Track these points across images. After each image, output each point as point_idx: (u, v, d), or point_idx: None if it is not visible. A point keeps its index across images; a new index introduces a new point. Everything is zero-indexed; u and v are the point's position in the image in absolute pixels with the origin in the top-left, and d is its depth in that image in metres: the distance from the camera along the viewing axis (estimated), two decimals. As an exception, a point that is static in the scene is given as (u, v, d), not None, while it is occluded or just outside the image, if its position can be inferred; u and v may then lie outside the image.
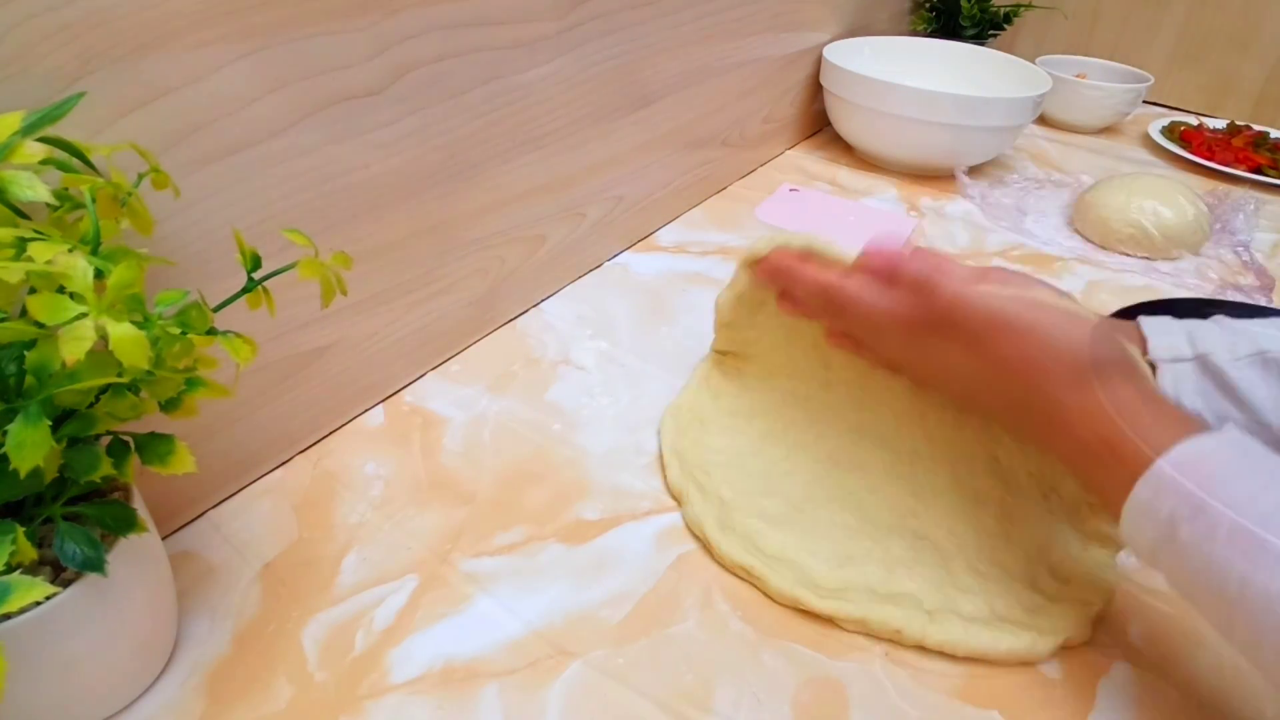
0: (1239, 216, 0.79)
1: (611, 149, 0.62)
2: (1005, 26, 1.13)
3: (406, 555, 0.40)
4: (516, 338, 0.58)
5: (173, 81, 0.33)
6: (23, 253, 0.23)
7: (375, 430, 0.48)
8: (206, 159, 0.35)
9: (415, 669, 0.35)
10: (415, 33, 0.43)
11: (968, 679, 0.36)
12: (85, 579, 0.28)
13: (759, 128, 0.85)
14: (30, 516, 0.28)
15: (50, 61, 0.29)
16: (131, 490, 0.31)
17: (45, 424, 0.24)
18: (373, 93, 0.42)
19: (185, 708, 0.33)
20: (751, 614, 0.38)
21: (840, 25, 0.93)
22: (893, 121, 0.83)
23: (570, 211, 0.61)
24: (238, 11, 0.34)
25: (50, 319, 0.23)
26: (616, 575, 0.40)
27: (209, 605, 0.37)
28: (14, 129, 0.26)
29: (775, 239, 0.44)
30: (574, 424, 0.50)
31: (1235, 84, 1.17)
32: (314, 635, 0.36)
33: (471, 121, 0.49)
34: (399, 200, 0.46)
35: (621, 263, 0.68)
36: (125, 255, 0.26)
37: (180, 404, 0.29)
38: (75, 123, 0.29)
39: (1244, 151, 0.95)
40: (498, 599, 0.38)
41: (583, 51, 0.55)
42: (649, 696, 0.34)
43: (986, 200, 0.83)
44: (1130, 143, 1.05)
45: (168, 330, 0.26)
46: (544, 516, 0.43)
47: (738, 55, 0.74)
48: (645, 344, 0.55)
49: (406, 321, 0.50)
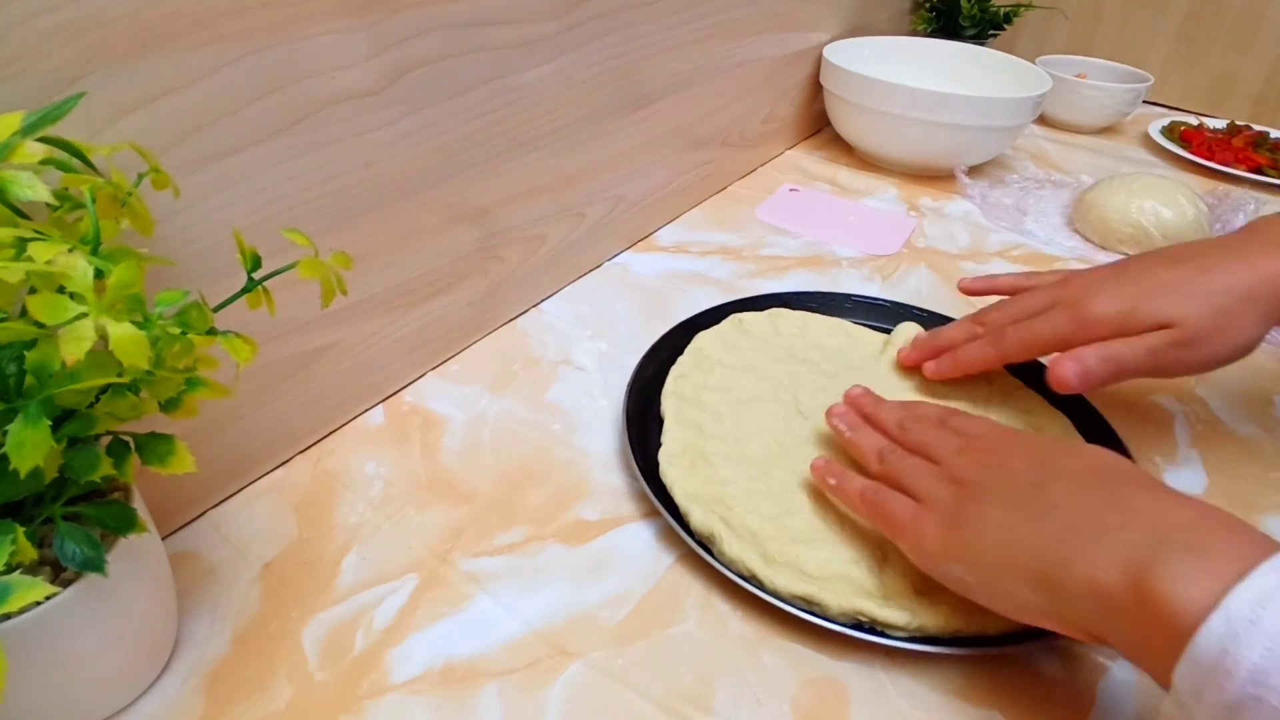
0: (1239, 216, 0.79)
1: (611, 149, 0.62)
2: (1005, 26, 1.13)
3: (406, 555, 0.40)
4: (516, 338, 0.58)
5: (173, 81, 0.33)
6: (23, 253, 0.23)
7: (375, 430, 0.48)
8: (206, 159, 0.35)
9: (415, 669, 0.35)
10: (415, 33, 0.43)
11: (968, 678, 0.36)
12: (85, 579, 0.28)
13: (759, 128, 0.85)
14: (30, 516, 0.28)
15: (50, 61, 0.29)
16: (131, 490, 0.31)
17: (45, 424, 0.24)
18: (373, 93, 0.42)
19: (185, 708, 0.33)
20: (751, 614, 0.38)
21: (840, 25, 0.93)
22: (893, 121, 0.83)
23: (570, 211, 0.61)
24: (238, 11, 0.34)
25: (50, 319, 0.23)
26: (616, 575, 0.40)
27: (209, 605, 0.37)
28: (14, 129, 0.26)
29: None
30: (574, 424, 0.50)
31: (1235, 84, 1.17)
32: (314, 635, 0.36)
33: (471, 121, 0.49)
34: (399, 200, 0.46)
35: (621, 263, 0.68)
36: (125, 255, 0.26)
37: (180, 404, 0.29)
38: (75, 123, 0.29)
39: (1244, 151, 0.95)
40: (497, 599, 0.38)
41: (583, 51, 0.55)
42: (649, 697, 0.34)
43: (986, 200, 0.83)
44: (1130, 143, 1.05)
45: (168, 330, 0.26)
46: (544, 516, 0.43)
47: (738, 55, 0.74)
48: (645, 344, 0.55)
49: (406, 321, 0.50)
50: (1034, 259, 0.73)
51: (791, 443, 0.47)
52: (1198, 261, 0.41)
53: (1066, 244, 0.76)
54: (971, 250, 0.74)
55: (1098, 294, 0.41)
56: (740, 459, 0.45)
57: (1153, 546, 0.28)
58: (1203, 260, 0.41)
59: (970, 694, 0.35)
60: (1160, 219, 0.73)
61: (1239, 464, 0.49)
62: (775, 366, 0.53)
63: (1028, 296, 0.46)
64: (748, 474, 0.44)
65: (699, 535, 0.40)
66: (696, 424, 0.47)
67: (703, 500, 0.42)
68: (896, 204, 0.83)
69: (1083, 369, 0.39)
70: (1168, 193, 0.75)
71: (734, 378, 0.52)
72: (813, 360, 0.54)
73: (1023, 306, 0.45)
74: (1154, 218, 0.73)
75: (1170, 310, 0.39)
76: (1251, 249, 0.40)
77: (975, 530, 0.34)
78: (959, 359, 0.48)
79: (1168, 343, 0.39)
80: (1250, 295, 0.39)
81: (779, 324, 0.57)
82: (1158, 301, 0.39)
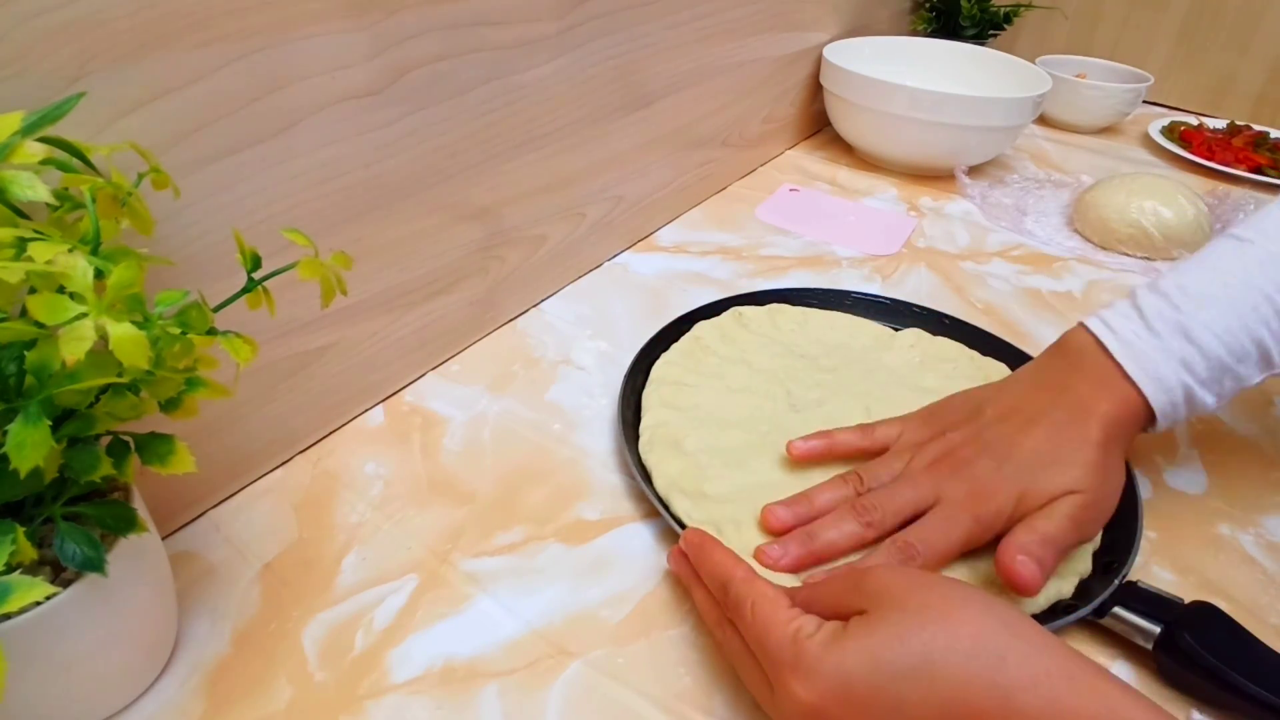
0: (1239, 216, 0.79)
1: (611, 149, 0.62)
2: (1005, 26, 1.13)
3: (406, 555, 0.40)
4: (516, 338, 0.58)
5: (173, 81, 0.33)
6: (23, 253, 0.23)
7: (375, 430, 0.48)
8: (206, 159, 0.35)
9: (415, 669, 0.35)
10: (415, 33, 0.43)
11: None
12: (85, 579, 0.28)
13: (759, 128, 0.85)
14: (30, 516, 0.28)
15: (50, 61, 0.29)
16: (131, 490, 0.31)
17: (45, 424, 0.24)
18: (373, 93, 0.42)
19: (185, 708, 0.33)
20: (751, 614, 0.38)
21: (840, 25, 0.93)
22: (893, 121, 0.83)
23: (570, 211, 0.61)
24: (238, 11, 0.34)
25: (50, 319, 0.23)
26: (616, 575, 0.40)
27: (209, 605, 0.37)
28: (14, 129, 0.26)
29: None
30: (574, 424, 0.50)
31: (1235, 84, 1.17)
32: (314, 635, 0.36)
33: (471, 121, 0.49)
34: (399, 200, 0.46)
35: (621, 263, 0.68)
36: (125, 255, 0.26)
37: (180, 404, 0.29)
38: (75, 123, 0.29)
39: (1244, 151, 0.95)
40: (497, 599, 0.38)
41: (583, 51, 0.55)
42: (649, 697, 0.34)
43: (986, 200, 0.83)
44: (1130, 143, 1.05)
45: (168, 330, 0.26)
46: (544, 516, 0.43)
47: (738, 55, 0.74)
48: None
49: (406, 321, 0.50)
50: (1034, 259, 0.73)
51: (776, 435, 0.46)
52: (1045, 425, 0.40)
53: (1066, 244, 0.76)
54: (971, 250, 0.74)
55: (984, 486, 0.39)
56: (716, 450, 0.45)
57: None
58: (1049, 422, 0.40)
59: (970, 694, 0.35)
60: (1160, 219, 0.73)
61: (1239, 464, 0.49)
62: (771, 360, 0.53)
63: (902, 488, 0.40)
64: (723, 462, 0.44)
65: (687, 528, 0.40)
66: (675, 405, 0.48)
67: (686, 491, 0.42)
68: (896, 204, 0.83)
69: (1042, 569, 0.35)
70: (1168, 193, 0.75)
71: (726, 368, 0.52)
72: (811, 355, 0.54)
73: (903, 501, 0.40)
74: (1154, 218, 0.73)
75: (1061, 481, 0.38)
76: (1083, 396, 0.41)
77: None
78: (834, 556, 0.40)
79: (1080, 506, 0.38)
80: (1106, 443, 0.39)
81: (778, 319, 0.57)
82: (1044, 476, 0.38)
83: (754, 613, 0.31)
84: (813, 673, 0.28)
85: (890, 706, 0.27)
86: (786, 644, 0.29)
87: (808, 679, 0.28)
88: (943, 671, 0.26)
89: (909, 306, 0.59)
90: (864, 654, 0.28)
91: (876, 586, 0.30)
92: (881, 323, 0.58)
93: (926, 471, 0.41)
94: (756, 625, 0.31)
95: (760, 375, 0.52)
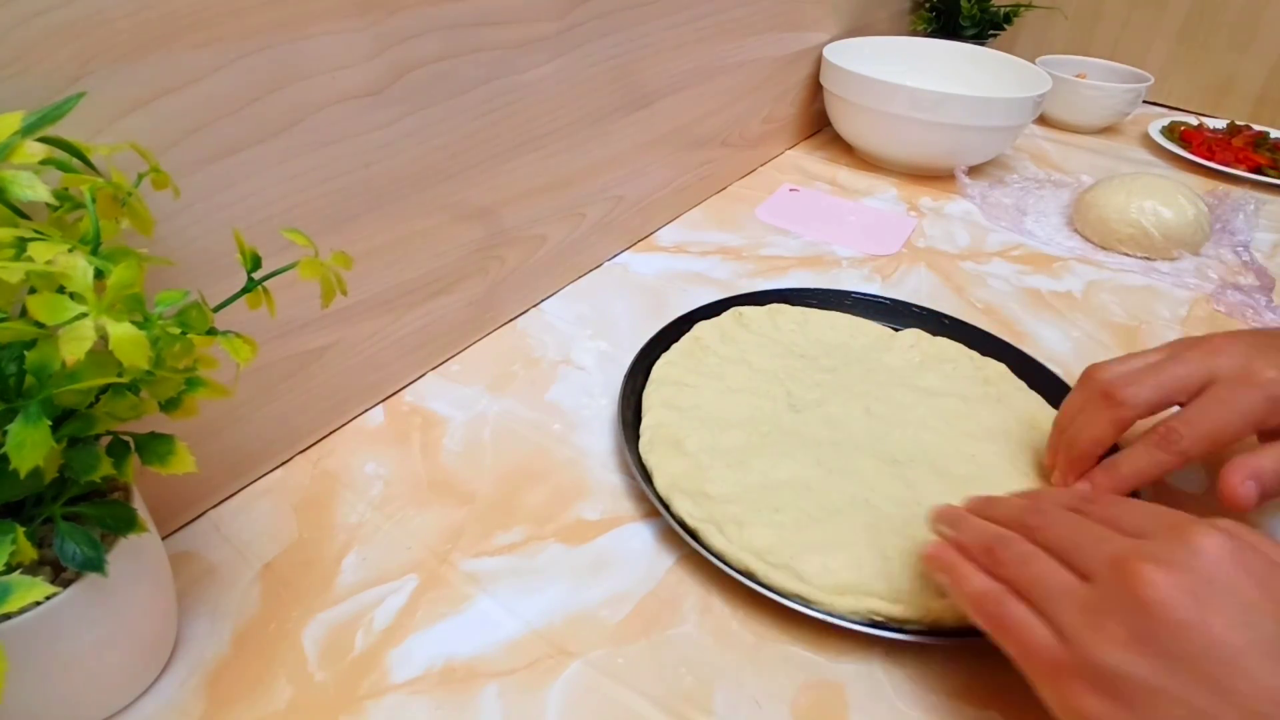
0: (1239, 216, 0.79)
1: (611, 149, 0.62)
2: (1005, 26, 1.13)
3: (406, 555, 0.40)
4: (516, 338, 0.58)
5: (173, 81, 0.33)
6: (23, 253, 0.23)
7: (375, 430, 0.48)
8: (206, 159, 0.35)
9: (415, 669, 0.35)
10: (415, 33, 0.43)
11: (967, 679, 0.36)
12: (85, 579, 0.28)
13: (759, 128, 0.85)
14: (30, 516, 0.28)
15: (50, 61, 0.29)
16: (131, 490, 0.31)
17: (45, 424, 0.24)
18: (373, 93, 0.42)
19: (185, 708, 0.33)
20: (751, 616, 0.38)
21: (840, 25, 0.93)
22: (893, 121, 0.83)
23: (570, 211, 0.61)
24: (238, 11, 0.34)
25: (50, 319, 0.23)
26: (616, 576, 0.40)
27: (209, 605, 0.37)
28: (14, 129, 0.26)
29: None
30: (574, 424, 0.50)
31: (1235, 84, 1.17)
32: (314, 635, 0.36)
33: (471, 121, 0.49)
34: (399, 200, 0.46)
35: (621, 263, 0.68)
36: (125, 255, 0.26)
37: (180, 404, 0.29)
38: (75, 123, 0.29)
39: (1244, 151, 0.95)
40: (497, 599, 0.38)
41: (583, 51, 0.55)
42: (649, 697, 0.34)
43: (986, 200, 0.83)
44: (1130, 143, 1.05)
45: (168, 330, 0.26)
46: (544, 516, 0.43)
47: (738, 55, 0.74)
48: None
49: (406, 321, 0.50)
50: (1034, 259, 0.73)
51: (777, 435, 0.46)
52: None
53: (1066, 244, 0.76)
54: (971, 250, 0.74)
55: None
56: (716, 450, 0.45)
57: None
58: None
59: (969, 695, 0.35)
60: (1160, 219, 0.73)
61: (1239, 464, 0.49)
62: (771, 360, 0.53)
63: (1171, 365, 0.37)
64: (724, 462, 0.44)
65: (688, 528, 0.40)
66: (675, 406, 0.48)
67: (687, 491, 0.42)
68: (896, 204, 0.83)
69: (1262, 490, 0.33)
70: (1168, 193, 0.75)
71: (726, 368, 0.52)
72: (811, 355, 0.54)
73: (1172, 376, 0.37)
74: (1154, 218, 0.73)
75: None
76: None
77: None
78: (1121, 476, 0.38)
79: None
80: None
81: (778, 319, 0.57)
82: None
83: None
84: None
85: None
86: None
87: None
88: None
89: (909, 306, 0.59)
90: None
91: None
92: (881, 323, 0.58)
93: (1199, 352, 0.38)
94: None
95: (760, 375, 0.52)
